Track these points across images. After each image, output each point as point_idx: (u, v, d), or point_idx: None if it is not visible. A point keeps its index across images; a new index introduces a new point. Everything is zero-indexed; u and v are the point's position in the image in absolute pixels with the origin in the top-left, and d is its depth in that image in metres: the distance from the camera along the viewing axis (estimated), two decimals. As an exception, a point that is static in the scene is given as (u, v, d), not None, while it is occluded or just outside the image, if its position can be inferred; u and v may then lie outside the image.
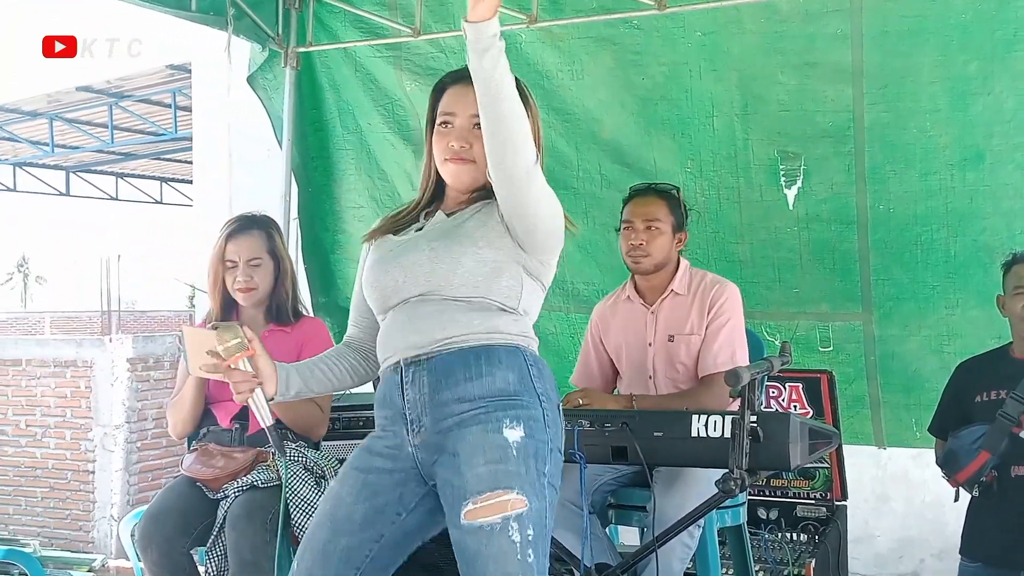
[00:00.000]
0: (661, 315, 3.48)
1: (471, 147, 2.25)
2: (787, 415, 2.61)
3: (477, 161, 2.25)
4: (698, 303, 3.43)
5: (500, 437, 2.10)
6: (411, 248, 2.27)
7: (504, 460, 2.09)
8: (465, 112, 2.26)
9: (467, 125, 2.26)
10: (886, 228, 4.12)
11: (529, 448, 2.11)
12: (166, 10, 4.16)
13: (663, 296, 3.48)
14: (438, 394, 2.17)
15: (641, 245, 3.43)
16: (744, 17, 3.98)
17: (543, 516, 2.11)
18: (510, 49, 4.32)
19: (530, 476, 2.09)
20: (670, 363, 3.43)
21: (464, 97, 2.25)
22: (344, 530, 2.21)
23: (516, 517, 2.05)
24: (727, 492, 2.56)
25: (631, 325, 3.53)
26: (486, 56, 1.99)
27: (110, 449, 8.16)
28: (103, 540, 8.22)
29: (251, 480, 3.12)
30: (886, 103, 3.93)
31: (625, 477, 3.32)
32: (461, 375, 2.16)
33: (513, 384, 2.16)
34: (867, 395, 4.42)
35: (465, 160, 2.26)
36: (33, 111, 13.07)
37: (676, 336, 3.42)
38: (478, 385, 2.15)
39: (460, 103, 2.28)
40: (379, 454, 2.25)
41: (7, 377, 8.62)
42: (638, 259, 3.46)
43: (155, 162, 17.16)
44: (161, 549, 3.04)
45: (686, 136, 4.26)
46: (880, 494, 6.04)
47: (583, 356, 3.72)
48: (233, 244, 3.32)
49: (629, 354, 3.53)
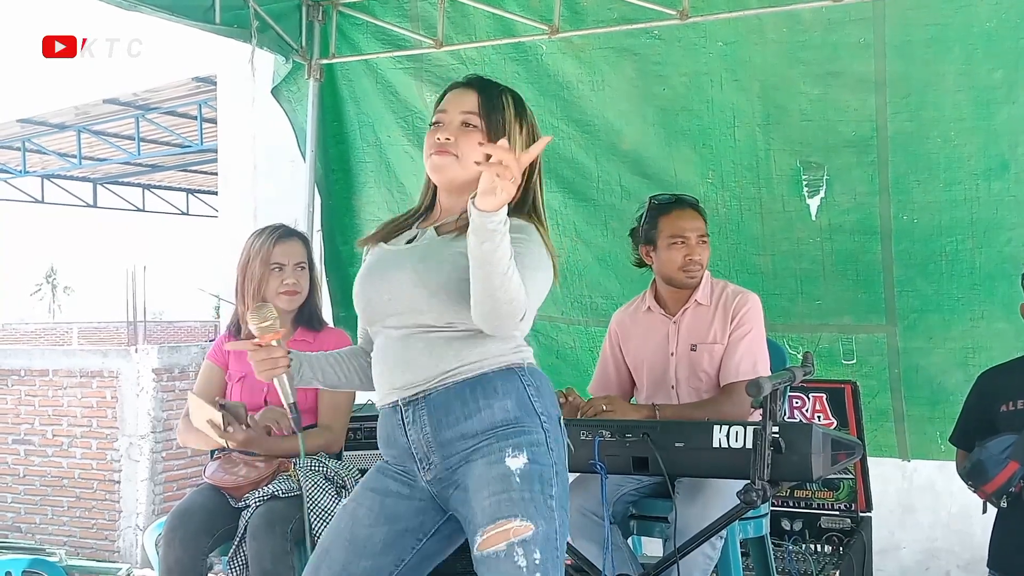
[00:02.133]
0: (683, 325, 3.47)
1: (455, 141, 2.24)
2: (809, 426, 2.60)
3: (460, 157, 2.23)
4: (721, 313, 3.42)
5: (503, 467, 2.11)
6: (397, 265, 2.25)
7: (508, 489, 2.10)
8: (456, 110, 2.27)
9: (456, 122, 2.26)
10: (910, 239, 4.09)
11: (533, 473, 2.12)
12: (191, 23, 4.19)
13: (686, 306, 3.47)
14: (440, 434, 2.17)
15: (698, 259, 3.43)
16: (766, 27, 3.97)
17: (552, 539, 2.11)
18: (531, 60, 4.39)
19: (535, 501, 2.10)
20: (693, 372, 3.42)
21: (459, 98, 2.29)
22: (365, 553, 2.23)
23: (520, 542, 2.06)
24: (749, 503, 2.55)
25: (652, 336, 3.52)
26: (488, 242, 1.97)
27: (136, 459, 8.21)
28: (128, 550, 8.27)
29: (272, 490, 3.14)
30: (909, 112, 3.91)
31: (646, 488, 3.31)
32: (460, 412, 2.16)
33: (512, 411, 2.16)
34: (891, 408, 4.38)
35: (447, 152, 2.24)
36: (61, 123, 13.19)
37: (699, 345, 3.41)
38: (478, 420, 2.15)
39: (453, 103, 2.29)
40: (394, 478, 2.27)
41: (34, 387, 8.69)
42: (694, 273, 3.44)
43: (181, 174, 17.28)
44: (185, 545, 3.08)
45: (707, 147, 4.25)
46: (906, 505, 5.98)
47: (601, 365, 3.71)
48: (281, 247, 3.35)
49: (651, 365, 3.52)
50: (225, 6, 4.19)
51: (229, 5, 4.22)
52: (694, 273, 3.44)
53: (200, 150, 13.43)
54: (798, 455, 2.54)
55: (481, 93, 2.28)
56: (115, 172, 16.88)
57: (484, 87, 2.31)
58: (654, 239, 3.48)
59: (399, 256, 2.27)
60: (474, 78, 2.35)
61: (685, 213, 3.47)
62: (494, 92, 2.30)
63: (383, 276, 2.26)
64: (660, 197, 3.57)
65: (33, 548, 8.07)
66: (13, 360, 8.94)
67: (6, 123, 13.40)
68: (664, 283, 3.52)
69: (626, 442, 2.78)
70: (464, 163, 2.22)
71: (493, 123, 2.25)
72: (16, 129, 13.52)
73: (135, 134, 13.23)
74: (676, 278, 3.46)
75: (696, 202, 3.55)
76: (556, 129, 4.44)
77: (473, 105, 2.26)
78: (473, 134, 2.24)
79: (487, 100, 2.27)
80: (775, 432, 2.55)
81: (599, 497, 3.02)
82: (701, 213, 3.51)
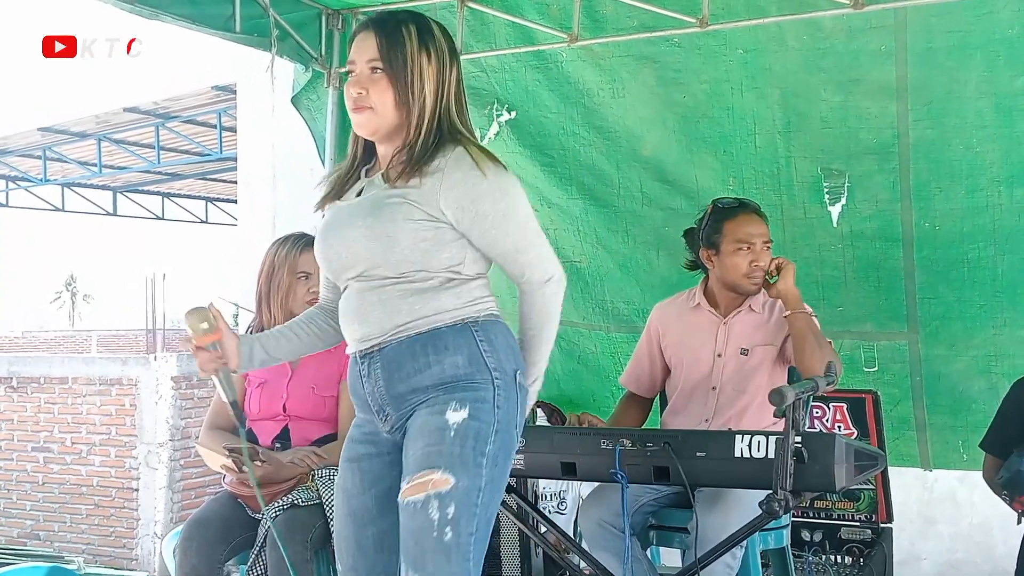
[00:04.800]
0: (734, 328, 3.44)
1: (367, 93, 2.20)
2: (832, 436, 2.58)
3: (375, 108, 2.21)
4: (774, 321, 3.42)
5: (441, 419, 2.15)
6: (348, 221, 2.26)
7: (439, 442, 2.13)
8: (362, 59, 2.22)
9: (365, 71, 2.22)
10: (932, 246, 4.07)
11: (470, 430, 2.14)
12: (211, 32, 4.19)
13: (739, 310, 3.46)
14: (393, 387, 2.21)
15: (763, 265, 3.40)
16: (786, 34, 3.95)
17: (471, 495, 2.12)
18: (551, 67, 4.39)
19: (464, 456, 2.12)
20: (743, 376, 3.39)
21: (362, 44, 2.23)
22: (366, 520, 2.29)
23: (437, 495, 2.09)
24: (771, 513, 2.53)
25: (698, 333, 3.49)
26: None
27: (154, 467, 8.23)
28: (146, 557, 8.29)
29: (292, 499, 3.13)
30: (931, 119, 3.89)
31: (666, 498, 3.30)
32: (411, 367, 2.19)
33: (463, 367, 2.18)
34: (913, 416, 4.36)
35: (363, 108, 2.22)
36: (82, 132, 13.27)
37: (751, 349, 3.40)
38: (428, 376, 2.18)
39: (359, 50, 2.24)
40: (360, 441, 2.33)
41: (54, 395, 8.74)
42: (758, 280, 3.42)
43: (200, 182, 17.36)
44: (201, 553, 3.08)
45: (728, 153, 4.24)
46: (926, 516, 5.94)
47: (636, 356, 3.69)
48: (307, 256, 3.34)
49: (693, 363, 3.49)
50: (245, 15, 4.19)
51: (249, 14, 4.22)
52: (757, 279, 3.42)
53: (219, 158, 13.49)
54: (821, 465, 2.52)
55: (380, 33, 2.22)
56: (135, 180, 16.97)
57: (382, 25, 2.24)
58: (717, 243, 3.44)
59: (350, 211, 2.28)
60: (373, 17, 2.29)
61: (750, 218, 3.45)
62: (393, 28, 2.23)
63: (337, 233, 2.28)
64: (724, 201, 3.55)
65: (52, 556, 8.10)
66: (33, 368, 9.00)
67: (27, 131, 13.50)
68: (723, 287, 3.49)
69: (647, 451, 2.75)
70: (381, 113, 2.21)
71: (395, 64, 2.20)
72: (37, 137, 13.61)
73: (155, 142, 13.30)
74: (740, 284, 3.43)
75: (759, 207, 3.52)
76: (577, 136, 4.44)
77: (374, 49, 2.21)
78: (381, 81, 2.20)
79: (387, 39, 2.21)
80: (798, 442, 2.53)
81: (616, 508, 3.01)
82: (764, 219, 3.49)
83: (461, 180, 2.17)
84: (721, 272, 3.46)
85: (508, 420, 2.20)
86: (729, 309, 3.48)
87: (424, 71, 2.21)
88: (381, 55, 2.20)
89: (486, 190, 2.18)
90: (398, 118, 2.22)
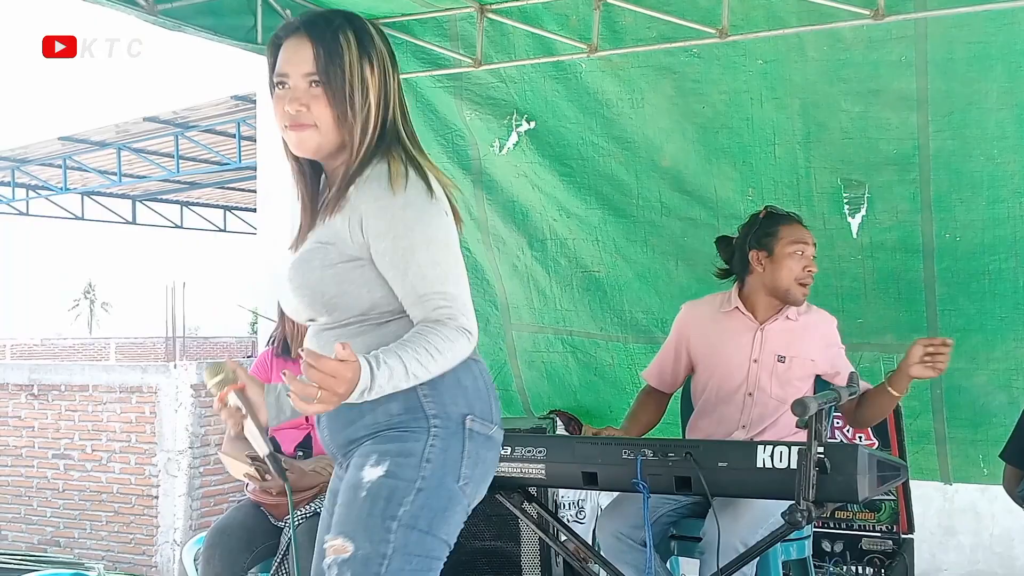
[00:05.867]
0: (771, 335, 3.43)
1: (308, 110, 2.00)
2: (855, 446, 2.58)
3: (319, 124, 2.01)
4: (813, 332, 3.44)
5: (357, 476, 1.99)
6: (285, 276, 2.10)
7: (351, 502, 1.98)
8: (298, 71, 2.01)
9: (302, 85, 2.01)
10: (952, 257, 4.06)
11: (382, 489, 1.96)
12: (234, 43, 4.23)
13: (776, 317, 3.45)
14: (336, 436, 2.09)
15: (813, 271, 3.43)
16: (806, 45, 3.95)
17: (374, 564, 1.93)
18: (570, 78, 4.39)
19: (369, 521, 1.95)
20: (781, 384, 3.39)
21: (296, 54, 2.02)
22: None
23: (336, 562, 1.95)
24: (794, 524, 2.53)
25: (733, 337, 3.47)
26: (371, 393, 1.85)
27: (173, 474, 8.26)
28: (166, 565, 8.31)
29: (314, 507, 3.15)
30: (952, 130, 3.88)
31: (685, 508, 3.30)
32: (347, 416, 2.03)
33: (396, 414, 1.99)
34: (932, 430, 4.34)
35: (303, 125, 2.01)
36: (102, 141, 13.35)
37: (788, 358, 3.40)
38: (361, 425, 2.03)
39: (292, 61, 2.02)
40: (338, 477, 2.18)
41: (74, 402, 8.78)
42: (807, 285, 3.43)
43: (219, 191, 17.44)
44: (224, 561, 3.11)
45: (747, 164, 4.24)
46: (947, 527, 5.91)
47: (662, 353, 3.67)
48: None
49: (725, 367, 3.47)
50: (267, 26, 4.23)
51: (271, 25, 4.25)
52: (807, 286, 3.42)
53: (238, 167, 13.55)
54: (844, 476, 2.52)
55: (317, 42, 2.01)
56: (154, 189, 17.07)
57: (318, 33, 2.02)
58: (771, 246, 3.41)
59: (289, 264, 2.10)
60: (304, 19, 2.07)
61: (802, 227, 3.48)
62: (331, 36, 2.02)
63: (281, 288, 2.13)
64: (776, 208, 3.57)
65: (72, 562, 8.14)
66: (54, 375, 9.04)
67: (48, 140, 13.59)
68: (765, 292, 3.45)
69: (669, 461, 2.75)
70: (325, 131, 2.01)
71: (333, 79, 1.99)
72: (58, 147, 13.70)
73: (174, 152, 13.37)
74: (791, 289, 3.40)
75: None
76: (596, 146, 4.45)
77: (310, 61, 2.00)
78: (320, 96, 2.00)
79: (324, 49, 2.00)
80: (820, 452, 2.52)
81: (633, 520, 3.02)
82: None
83: (368, 206, 1.98)
84: (772, 274, 3.41)
85: (440, 475, 1.98)
86: (767, 315, 3.46)
87: (367, 82, 2.03)
88: (319, 68, 2.00)
89: (390, 219, 1.96)
90: (340, 136, 2.03)
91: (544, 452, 2.93)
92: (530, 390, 5.09)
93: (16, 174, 15.13)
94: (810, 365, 3.41)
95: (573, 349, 4.91)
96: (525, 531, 3.91)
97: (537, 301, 4.88)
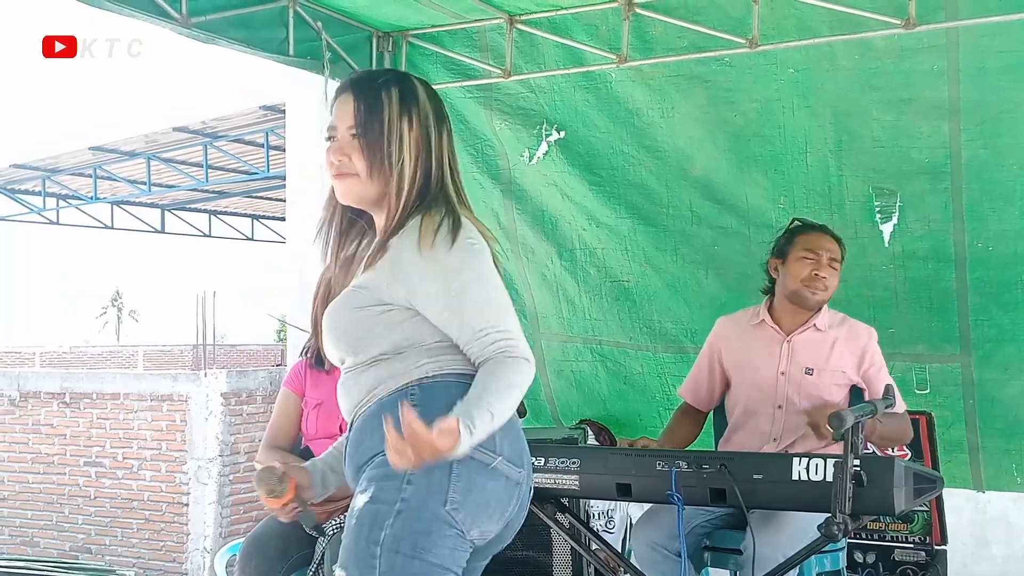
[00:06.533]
0: (798, 346, 3.44)
1: (350, 159, 2.12)
2: (891, 459, 2.57)
3: (360, 174, 2.11)
4: (844, 345, 3.43)
5: (352, 505, 2.04)
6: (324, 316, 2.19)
7: (347, 532, 2.03)
8: (343, 124, 2.14)
9: (346, 137, 2.13)
10: (985, 267, 4.04)
11: (367, 515, 1.99)
12: (266, 55, 4.26)
13: (803, 329, 3.46)
14: (349, 465, 2.14)
15: (824, 278, 3.43)
16: (838, 54, 3.95)
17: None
18: (600, 88, 4.40)
19: (356, 547, 1.98)
20: (809, 397, 3.38)
21: (342, 108, 2.15)
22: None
23: None
24: (829, 536, 2.52)
25: (761, 350, 3.49)
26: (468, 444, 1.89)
27: (204, 482, 8.31)
28: (196, 572, 8.36)
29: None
30: (984, 139, 3.87)
31: (719, 519, 3.29)
32: (354, 444, 2.11)
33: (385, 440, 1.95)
34: (965, 439, 4.31)
35: (346, 174, 2.13)
36: (131, 151, 13.44)
37: (816, 371, 3.39)
38: (364, 450, 2.07)
39: (339, 115, 2.15)
40: None
41: (105, 410, 8.86)
42: (816, 291, 3.44)
43: (246, 200, 17.53)
44: (260, 569, 3.14)
45: (779, 172, 4.23)
46: (979, 538, 5.87)
47: (696, 369, 3.70)
48: None
49: (754, 380, 3.49)
50: (299, 38, 4.26)
51: (302, 37, 4.29)
52: (817, 289, 3.43)
53: (266, 177, 13.62)
54: (880, 489, 2.51)
55: (358, 97, 2.14)
56: (182, 198, 17.17)
57: (361, 89, 2.15)
58: (786, 252, 3.50)
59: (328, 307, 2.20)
60: (353, 78, 2.20)
61: (823, 236, 3.52)
62: (371, 92, 2.14)
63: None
64: (804, 219, 3.64)
65: (103, 570, 8.21)
66: (85, 384, 9.13)
67: (79, 150, 13.70)
68: (786, 300, 3.50)
69: (703, 473, 2.76)
70: (366, 180, 2.11)
71: (370, 132, 2.11)
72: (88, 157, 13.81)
73: (203, 161, 13.45)
74: (799, 292, 3.44)
75: (837, 235, 3.59)
76: (626, 155, 4.46)
77: (351, 116, 2.12)
78: (359, 148, 2.12)
79: (365, 104, 2.12)
80: (856, 465, 2.52)
81: (668, 531, 3.02)
82: (839, 242, 3.55)
83: (406, 260, 2.05)
84: (783, 278, 3.48)
85: (422, 497, 1.96)
86: (793, 327, 3.48)
87: (404, 138, 2.11)
88: (358, 121, 2.11)
89: (432, 270, 2.03)
90: (379, 186, 2.12)
91: (578, 463, 2.94)
92: (559, 399, 5.09)
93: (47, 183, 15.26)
94: (840, 377, 3.41)
95: (602, 358, 4.90)
96: (556, 540, 3.91)
97: (566, 310, 4.88)
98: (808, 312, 3.48)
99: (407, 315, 2.07)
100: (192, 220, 18.86)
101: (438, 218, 2.07)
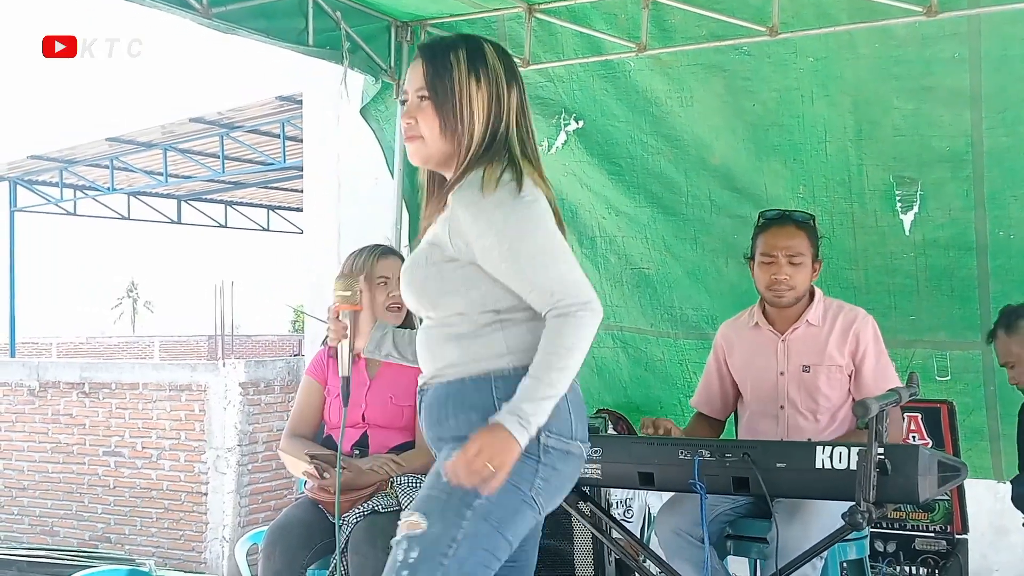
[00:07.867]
0: (793, 345, 3.41)
1: (416, 123, 2.19)
2: (916, 447, 2.57)
3: (425, 137, 2.19)
4: (838, 335, 3.36)
5: (443, 463, 2.11)
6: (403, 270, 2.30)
7: (433, 485, 2.12)
8: (412, 88, 2.21)
9: (414, 101, 2.20)
10: (1007, 254, 4.03)
11: None
12: (285, 45, 4.27)
13: (796, 326, 3.41)
14: (429, 430, 2.23)
15: (785, 280, 3.34)
16: (857, 42, 3.94)
17: (441, 544, 2.04)
18: (619, 76, 4.39)
19: (448, 503, 2.06)
20: (808, 394, 3.36)
21: (412, 72, 2.23)
22: None
23: (407, 537, 2.07)
24: (854, 525, 2.52)
25: (759, 353, 3.46)
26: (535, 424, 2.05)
27: (222, 471, 8.35)
28: (215, 561, 8.41)
29: (372, 505, 3.18)
30: (1006, 127, 3.86)
31: (742, 507, 3.29)
32: (438, 414, 2.18)
33: (476, 426, 2.07)
34: (986, 427, 4.30)
35: (413, 137, 2.21)
36: (148, 142, 13.47)
37: (814, 367, 3.36)
38: (447, 428, 2.15)
39: (410, 79, 2.23)
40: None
41: (125, 400, 8.91)
42: (781, 293, 3.36)
43: (262, 191, 17.55)
44: (284, 558, 3.16)
45: (798, 161, 4.22)
46: (998, 527, 5.84)
47: (705, 377, 3.67)
48: (383, 263, 3.41)
49: (757, 382, 3.47)
50: (318, 28, 4.26)
51: (321, 27, 4.29)
52: (781, 292, 3.36)
53: (282, 167, 13.64)
54: (904, 477, 2.50)
55: (428, 60, 2.21)
56: (199, 189, 17.21)
57: (431, 52, 2.22)
58: (753, 254, 3.45)
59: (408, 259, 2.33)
60: (424, 44, 2.29)
61: (782, 231, 3.38)
62: (441, 54, 2.21)
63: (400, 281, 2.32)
64: (767, 213, 3.53)
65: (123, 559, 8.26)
66: (104, 374, 9.18)
67: (96, 142, 13.73)
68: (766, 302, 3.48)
69: (726, 461, 2.75)
70: (429, 141, 2.19)
71: (440, 92, 2.17)
72: (105, 148, 13.85)
73: (219, 152, 13.48)
74: (765, 296, 3.44)
75: (804, 220, 3.44)
76: (645, 144, 4.46)
77: (421, 78, 2.19)
78: (427, 109, 2.18)
79: (433, 67, 2.19)
80: (880, 453, 2.51)
81: (692, 518, 3.01)
82: (807, 230, 3.40)
83: (461, 213, 2.12)
84: (756, 281, 3.45)
85: (515, 479, 2.06)
86: (786, 325, 3.42)
87: (473, 97, 2.16)
88: (427, 83, 2.18)
89: (485, 222, 2.10)
90: (447, 146, 2.19)
91: (600, 452, 2.94)
92: (581, 386, 5.09)
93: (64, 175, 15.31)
94: (837, 371, 3.36)
95: (624, 345, 4.91)
96: (578, 529, 3.92)
97: (587, 297, 4.88)
98: (798, 308, 3.41)
99: (473, 270, 2.14)
100: (208, 211, 18.90)
101: (499, 170, 2.12)
